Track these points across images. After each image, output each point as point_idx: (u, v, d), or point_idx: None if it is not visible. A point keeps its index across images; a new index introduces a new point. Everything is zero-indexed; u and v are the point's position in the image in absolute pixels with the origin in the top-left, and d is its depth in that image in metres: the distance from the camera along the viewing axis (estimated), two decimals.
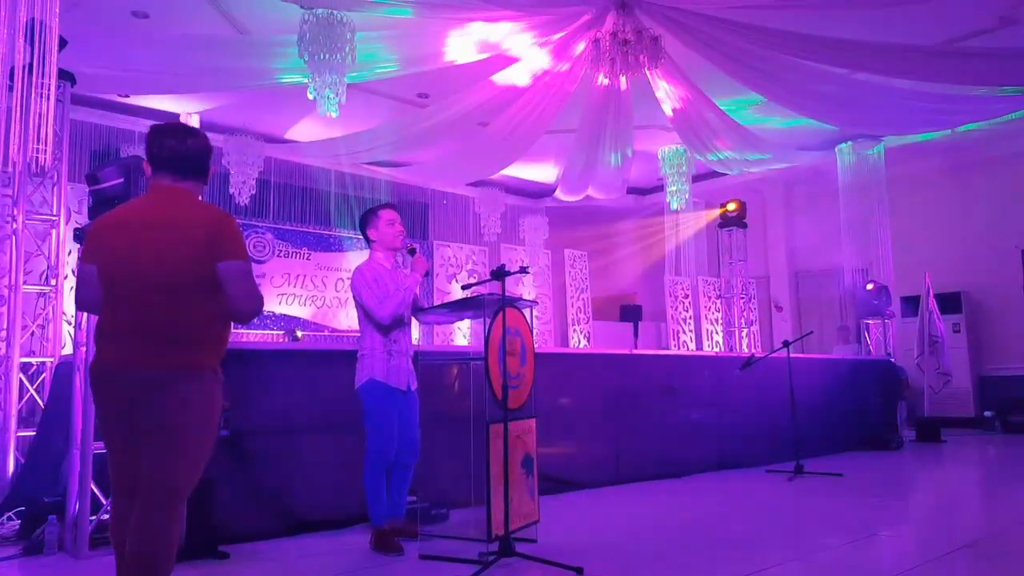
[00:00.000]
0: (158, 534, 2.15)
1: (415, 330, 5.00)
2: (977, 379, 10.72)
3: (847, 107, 8.60)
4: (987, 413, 10.29)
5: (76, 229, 4.33)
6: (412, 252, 3.91)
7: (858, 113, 8.85)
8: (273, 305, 10.23)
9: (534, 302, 4.27)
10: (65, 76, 5.16)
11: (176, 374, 2.20)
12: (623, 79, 7.42)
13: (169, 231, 2.24)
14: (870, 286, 10.14)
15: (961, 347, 10.57)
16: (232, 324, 2.40)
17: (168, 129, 2.41)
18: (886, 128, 9.71)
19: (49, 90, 4.61)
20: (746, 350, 10.41)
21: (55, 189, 5.30)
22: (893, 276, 10.35)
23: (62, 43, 4.82)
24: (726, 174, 11.13)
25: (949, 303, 10.54)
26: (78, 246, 3.78)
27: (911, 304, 10.54)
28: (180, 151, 2.36)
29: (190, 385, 2.22)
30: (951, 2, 6.63)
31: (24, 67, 4.55)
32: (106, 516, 3.62)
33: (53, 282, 5.22)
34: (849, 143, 10.46)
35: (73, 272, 5.42)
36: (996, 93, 8.44)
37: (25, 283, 5.08)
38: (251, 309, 2.30)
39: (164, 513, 2.17)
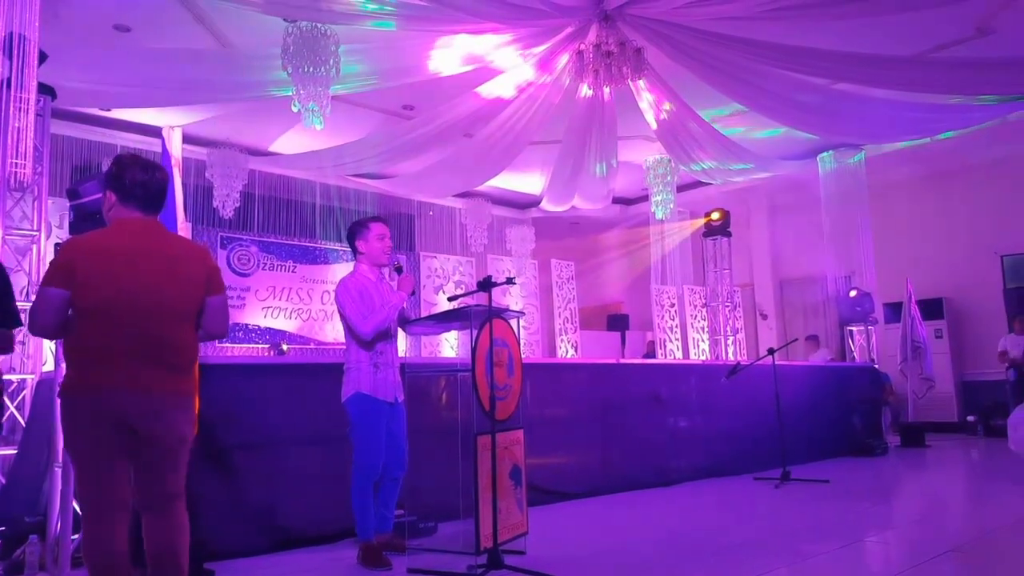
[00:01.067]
0: (186, 528, 2.46)
1: (401, 342, 4.99)
2: (960, 384, 10.83)
3: (828, 117, 8.69)
4: (970, 418, 10.38)
5: (57, 244, 4.29)
6: (399, 270, 3.90)
7: (839, 122, 8.95)
8: (258, 318, 10.17)
9: (521, 313, 4.26)
10: (45, 90, 5.12)
11: (184, 393, 2.45)
12: (607, 90, 7.46)
13: (175, 265, 2.43)
14: (853, 293, 10.23)
15: (944, 352, 10.68)
16: None
17: (136, 162, 2.50)
18: (866, 137, 9.82)
19: (29, 104, 4.57)
20: (732, 358, 10.46)
21: (35, 204, 5.24)
22: (876, 282, 10.44)
23: (42, 57, 4.79)
24: (710, 183, 11.21)
25: (931, 309, 10.64)
26: None
27: (894, 310, 10.63)
28: (151, 185, 2.47)
29: (191, 401, 2.50)
30: (929, 13, 6.73)
31: (3, 81, 4.52)
32: None
33: (34, 298, 5.15)
34: (830, 152, 10.57)
35: None
36: (973, 102, 8.57)
37: None
38: (224, 334, 2.65)
39: (185, 511, 2.47)
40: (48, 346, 5.46)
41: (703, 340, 11.38)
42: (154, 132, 8.73)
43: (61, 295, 2.33)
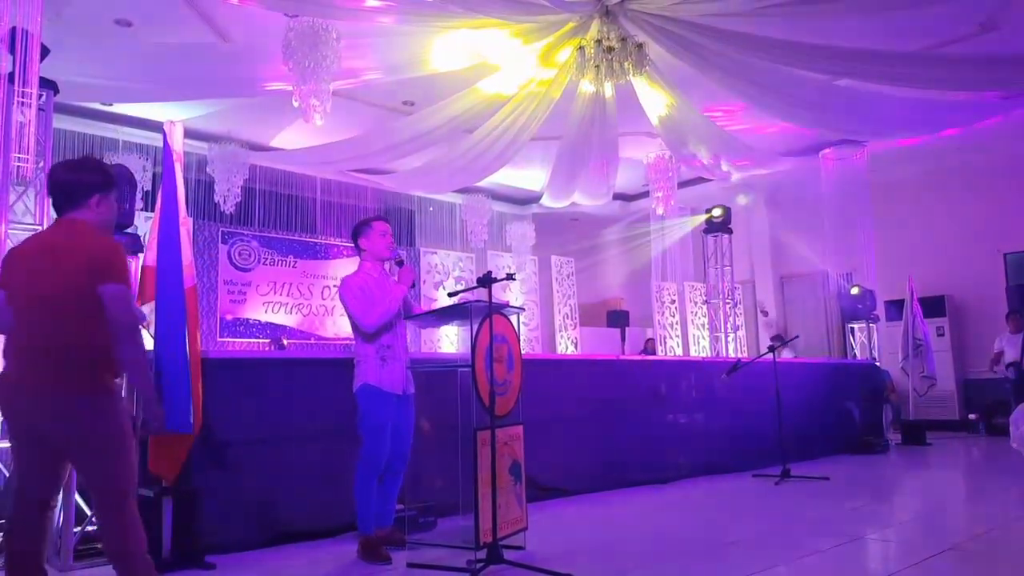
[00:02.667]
0: (131, 529, 2.37)
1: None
2: (961, 382, 10.82)
3: (830, 113, 8.67)
4: (971, 416, 10.38)
5: None
6: (400, 263, 3.93)
7: (841, 119, 8.93)
8: (258, 313, 10.18)
9: (521, 308, 4.27)
10: (47, 84, 5.12)
11: (81, 393, 2.33)
12: (608, 86, 7.45)
13: (56, 257, 2.38)
14: (854, 290, 10.22)
15: (945, 350, 10.67)
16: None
17: (59, 163, 2.60)
18: (868, 134, 9.80)
19: (31, 98, 4.57)
20: (732, 354, 10.46)
21: (38, 198, 5.24)
22: (877, 280, 10.43)
23: (44, 51, 4.79)
24: (711, 180, 11.20)
25: (933, 307, 10.63)
26: None
27: (896, 308, 10.62)
28: (51, 185, 2.54)
29: (96, 400, 2.36)
30: (932, 9, 6.71)
31: (5, 75, 4.52)
32: (91, 528, 3.58)
33: None
34: (832, 148, 10.55)
35: None
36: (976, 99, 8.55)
37: None
38: (127, 325, 2.39)
39: (129, 511, 2.38)
40: None
41: (703, 337, 11.38)
42: (156, 127, 8.73)
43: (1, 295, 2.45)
